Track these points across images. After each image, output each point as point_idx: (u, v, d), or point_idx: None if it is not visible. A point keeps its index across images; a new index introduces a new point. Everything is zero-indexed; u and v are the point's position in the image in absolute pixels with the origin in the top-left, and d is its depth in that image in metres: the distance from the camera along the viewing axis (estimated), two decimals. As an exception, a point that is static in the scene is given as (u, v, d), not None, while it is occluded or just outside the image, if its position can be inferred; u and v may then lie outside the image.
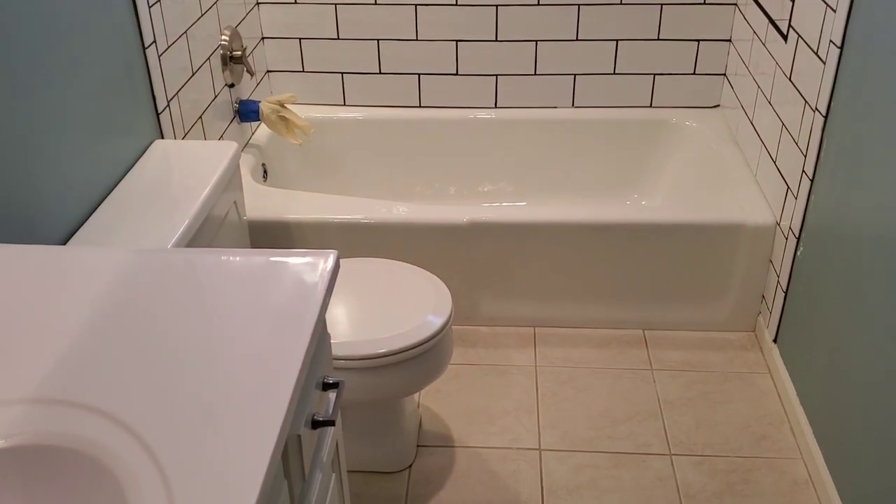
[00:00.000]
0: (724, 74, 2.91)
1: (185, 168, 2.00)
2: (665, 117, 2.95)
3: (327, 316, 1.96)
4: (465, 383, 2.39)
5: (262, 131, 2.86)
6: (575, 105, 2.99)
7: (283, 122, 2.69)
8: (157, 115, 2.12)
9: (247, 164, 2.67)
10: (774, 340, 2.39)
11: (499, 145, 3.02)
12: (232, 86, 2.63)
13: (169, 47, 2.17)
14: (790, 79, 2.29)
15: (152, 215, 1.81)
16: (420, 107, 3.02)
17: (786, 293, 2.30)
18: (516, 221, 2.42)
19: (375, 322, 1.95)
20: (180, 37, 2.24)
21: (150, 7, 2.04)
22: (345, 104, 3.04)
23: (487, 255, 2.47)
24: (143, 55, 2.05)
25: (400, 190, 3.09)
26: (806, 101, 2.17)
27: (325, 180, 3.05)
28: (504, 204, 3.08)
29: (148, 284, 1.26)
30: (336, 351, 1.88)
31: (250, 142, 2.81)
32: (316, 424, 1.24)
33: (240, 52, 2.60)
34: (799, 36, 2.23)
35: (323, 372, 1.34)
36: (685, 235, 2.41)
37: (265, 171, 2.80)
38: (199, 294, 1.24)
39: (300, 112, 2.96)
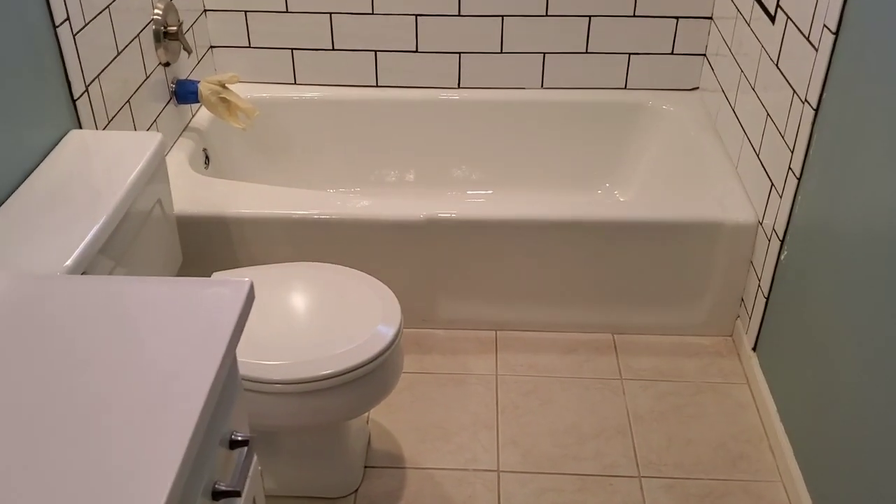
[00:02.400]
0: (704, 55, 2.71)
1: (102, 162, 1.78)
2: (641, 100, 2.74)
3: (259, 336, 1.75)
4: (420, 394, 2.20)
5: (203, 113, 2.63)
6: (544, 86, 2.78)
7: (225, 104, 2.46)
8: (73, 101, 1.89)
9: (185, 150, 2.44)
10: (754, 348, 2.21)
11: (463, 128, 2.81)
12: (167, 65, 2.40)
13: (86, 25, 1.93)
14: (777, 65, 2.09)
15: (62, 216, 1.59)
16: (377, 86, 2.80)
17: (767, 298, 2.12)
18: (477, 218, 2.22)
19: (316, 339, 1.75)
20: (101, 12, 2.00)
21: (60, -20, 1.81)
22: (295, 83, 2.81)
23: (446, 254, 2.27)
24: (54, 34, 1.81)
25: (355, 177, 2.87)
26: (794, 91, 1.97)
27: (273, 166, 2.83)
28: (469, 192, 2.87)
29: (14, 326, 1.05)
30: (272, 374, 1.68)
31: (190, 125, 2.58)
32: (218, 495, 1.05)
33: (175, 28, 2.36)
34: (788, 17, 2.02)
35: (231, 426, 1.14)
36: (659, 233, 2.22)
37: (207, 158, 2.58)
38: (78, 337, 1.03)
39: (244, 92, 2.73)
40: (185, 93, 2.45)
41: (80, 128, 1.92)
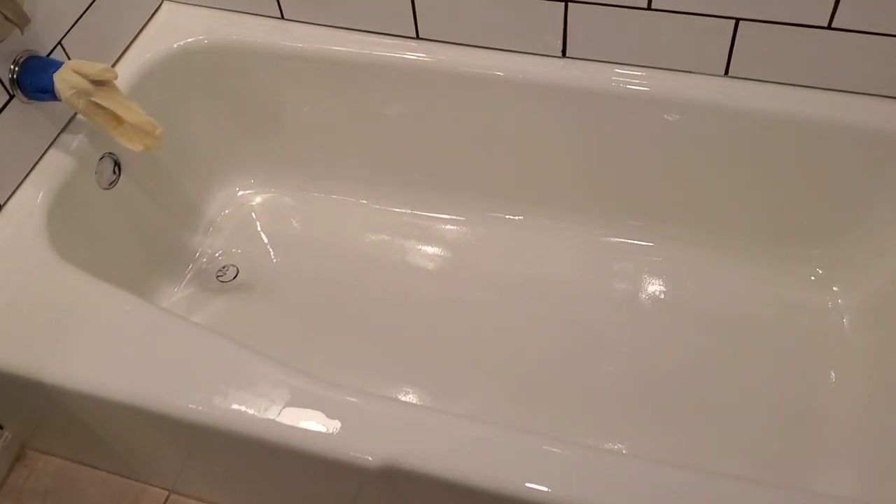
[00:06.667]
0: None
1: None
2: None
3: None
4: None
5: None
6: (730, 74, 1.42)
7: (103, 112, 1.35)
8: None
9: (55, 175, 1.40)
10: None
11: (568, 130, 1.54)
12: (-15, 47, 1.30)
13: None
14: None
15: None
16: (417, 39, 1.54)
17: None
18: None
19: None
20: None
21: None
22: (283, 17, 1.60)
23: None
24: None
25: (381, 187, 1.71)
26: None
27: (244, 155, 1.73)
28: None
29: None
30: None
31: (78, 117, 1.50)
32: None
33: (-15, -19, 1.23)
34: None
35: None
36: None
37: (117, 167, 1.52)
38: None
39: (189, 25, 1.57)
40: (33, 87, 1.35)
41: None
